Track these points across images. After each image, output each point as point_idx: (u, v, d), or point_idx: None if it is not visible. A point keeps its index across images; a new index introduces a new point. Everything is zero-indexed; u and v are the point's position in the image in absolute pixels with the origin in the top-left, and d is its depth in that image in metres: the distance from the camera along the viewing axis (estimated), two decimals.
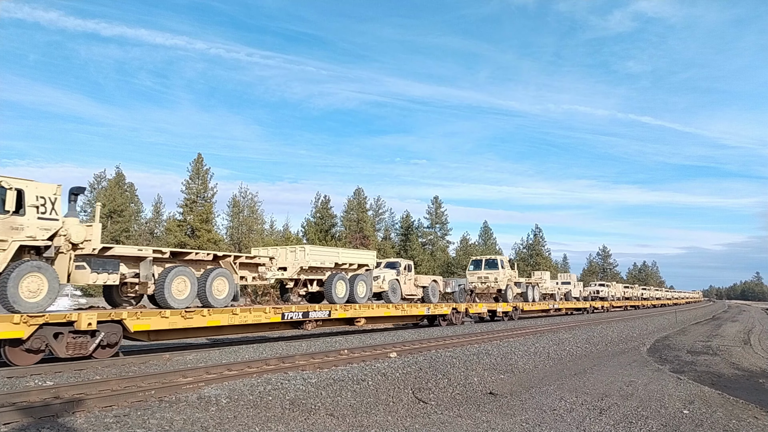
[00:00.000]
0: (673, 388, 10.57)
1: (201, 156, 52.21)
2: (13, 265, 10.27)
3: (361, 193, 63.77)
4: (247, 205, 56.73)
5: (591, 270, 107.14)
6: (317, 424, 7.17)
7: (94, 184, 58.15)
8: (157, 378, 9.12)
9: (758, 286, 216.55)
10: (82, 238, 11.67)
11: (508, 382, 10.84)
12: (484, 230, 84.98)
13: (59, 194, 11.46)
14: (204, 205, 50.32)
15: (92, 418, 6.40)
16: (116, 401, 7.36)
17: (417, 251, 63.48)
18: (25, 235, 10.68)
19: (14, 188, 10.63)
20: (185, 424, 6.46)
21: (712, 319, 43.09)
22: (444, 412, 8.25)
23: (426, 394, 9.21)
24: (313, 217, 59.85)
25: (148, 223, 59.97)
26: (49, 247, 11.12)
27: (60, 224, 11.28)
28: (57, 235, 11.24)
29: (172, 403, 7.22)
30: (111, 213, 53.27)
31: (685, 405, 9.08)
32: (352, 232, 60.38)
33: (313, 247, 18.84)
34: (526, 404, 8.81)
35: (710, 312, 57.53)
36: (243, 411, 7.21)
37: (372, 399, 8.54)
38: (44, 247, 11.06)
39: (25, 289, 10.30)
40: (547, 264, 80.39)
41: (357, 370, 9.94)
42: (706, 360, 16.26)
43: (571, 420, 7.84)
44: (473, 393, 9.72)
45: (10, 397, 7.31)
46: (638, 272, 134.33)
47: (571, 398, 9.28)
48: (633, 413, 8.33)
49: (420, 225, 70.89)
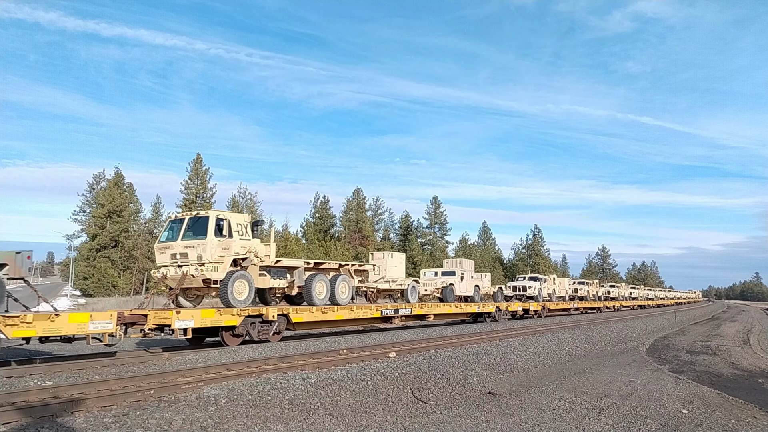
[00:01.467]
0: (673, 388, 10.57)
1: (200, 156, 52.27)
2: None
3: (361, 194, 63.87)
4: (246, 205, 56.58)
5: (590, 270, 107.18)
6: (316, 423, 7.16)
7: (93, 184, 58.13)
8: (156, 378, 9.11)
9: (757, 286, 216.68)
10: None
11: (507, 382, 10.84)
12: (483, 230, 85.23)
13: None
14: (203, 205, 50.26)
15: (91, 418, 6.40)
16: (115, 401, 7.35)
17: (416, 251, 63.47)
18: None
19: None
20: (184, 423, 6.46)
21: (712, 319, 43.12)
22: (443, 411, 8.25)
23: (425, 394, 9.21)
24: (312, 217, 59.89)
25: (147, 223, 59.89)
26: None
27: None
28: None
29: (171, 402, 7.21)
30: (110, 213, 53.25)
31: (684, 405, 9.09)
32: (351, 232, 60.42)
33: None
34: (525, 404, 8.81)
35: (709, 312, 57.56)
36: (242, 411, 7.21)
37: (371, 399, 8.54)
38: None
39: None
40: (546, 264, 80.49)
41: (356, 370, 9.94)
42: (706, 360, 16.27)
43: (571, 420, 7.84)
44: (472, 393, 9.72)
45: (10, 397, 7.30)
46: (637, 272, 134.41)
47: (571, 398, 9.28)
48: (632, 413, 8.33)
49: (419, 225, 70.97)
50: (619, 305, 50.53)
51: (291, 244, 49.21)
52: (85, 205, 57.51)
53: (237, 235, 14.72)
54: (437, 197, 72.10)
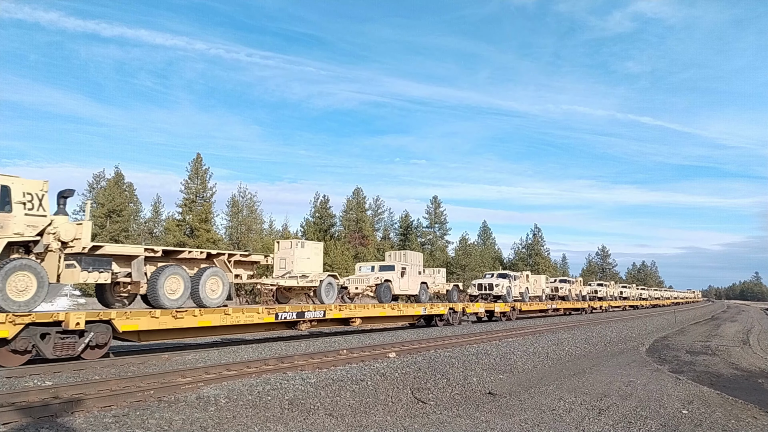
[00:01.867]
0: (672, 388, 10.58)
1: (200, 156, 52.17)
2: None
3: (360, 193, 63.87)
4: (246, 205, 56.64)
5: (590, 270, 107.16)
6: (316, 424, 7.17)
7: (93, 183, 58.11)
8: (156, 378, 9.11)
9: (757, 286, 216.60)
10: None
11: (507, 382, 10.84)
12: (483, 230, 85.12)
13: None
14: (203, 204, 50.26)
15: (91, 418, 6.40)
16: (115, 401, 7.36)
17: (416, 251, 63.52)
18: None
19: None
20: (184, 424, 6.46)
21: (711, 319, 43.11)
22: (443, 412, 8.26)
23: (425, 394, 9.21)
24: (312, 216, 59.88)
25: (147, 222, 59.89)
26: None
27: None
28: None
29: (171, 403, 7.22)
30: (110, 213, 53.20)
31: (684, 405, 9.09)
32: (351, 231, 60.43)
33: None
34: (525, 404, 8.81)
35: (709, 312, 57.56)
36: (242, 411, 7.21)
37: (371, 399, 8.54)
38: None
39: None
40: (546, 264, 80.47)
41: (356, 370, 9.94)
42: (705, 360, 16.27)
43: (570, 420, 7.84)
44: (472, 393, 9.73)
45: (9, 397, 7.30)
46: (637, 272, 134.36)
47: (570, 398, 9.28)
48: (632, 413, 8.33)
49: (419, 225, 71.01)
50: (607, 305, 47.63)
51: None
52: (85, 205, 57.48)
53: (21, 208, 10.55)
54: (437, 197, 72.20)
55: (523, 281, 33.25)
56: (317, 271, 18.91)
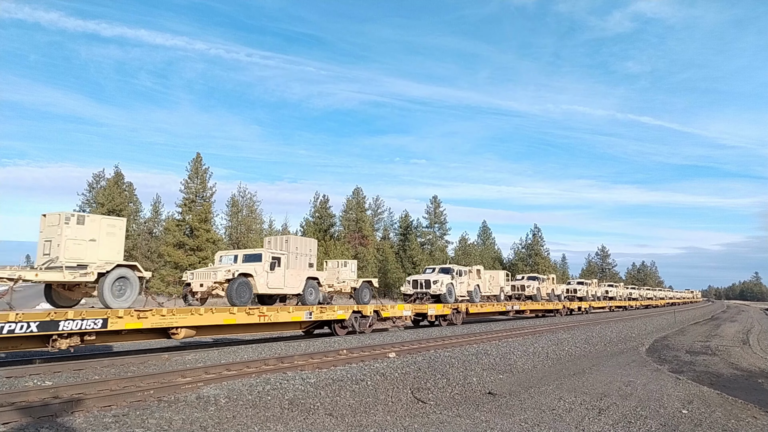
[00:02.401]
0: (672, 388, 10.58)
1: (200, 156, 52.13)
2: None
3: (360, 193, 63.85)
4: (246, 205, 56.65)
5: (590, 270, 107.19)
6: (316, 423, 7.17)
7: (92, 183, 58.09)
8: (155, 378, 9.11)
9: (757, 286, 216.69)
10: None
11: (507, 382, 10.84)
12: (482, 230, 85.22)
13: None
14: (203, 204, 50.23)
15: (91, 418, 6.40)
16: (115, 401, 7.36)
17: (416, 251, 63.53)
18: None
19: None
20: (184, 423, 6.46)
21: (711, 320, 43.12)
22: (443, 412, 8.26)
23: (425, 394, 9.21)
24: (312, 216, 59.88)
25: (147, 222, 59.88)
26: None
27: None
28: None
29: (171, 402, 7.22)
30: (110, 213, 53.19)
31: (683, 405, 9.09)
32: (351, 231, 60.42)
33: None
34: (525, 404, 8.81)
35: (709, 312, 57.57)
36: (242, 411, 7.21)
37: (371, 399, 8.55)
38: None
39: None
40: (546, 264, 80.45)
41: (356, 370, 9.94)
42: (705, 360, 16.27)
43: (570, 420, 7.85)
44: (472, 393, 9.73)
45: (10, 397, 7.31)
46: (637, 272, 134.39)
47: (570, 398, 9.28)
48: (632, 413, 8.33)
49: (419, 225, 70.93)
50: (588, 306, 41.89)
51: None
52: (84, 205, 57.42)
53: None
54: (437, 197, 72.10)
55: (472, 278, 27.02)
56: (106, 259, 11.96)
